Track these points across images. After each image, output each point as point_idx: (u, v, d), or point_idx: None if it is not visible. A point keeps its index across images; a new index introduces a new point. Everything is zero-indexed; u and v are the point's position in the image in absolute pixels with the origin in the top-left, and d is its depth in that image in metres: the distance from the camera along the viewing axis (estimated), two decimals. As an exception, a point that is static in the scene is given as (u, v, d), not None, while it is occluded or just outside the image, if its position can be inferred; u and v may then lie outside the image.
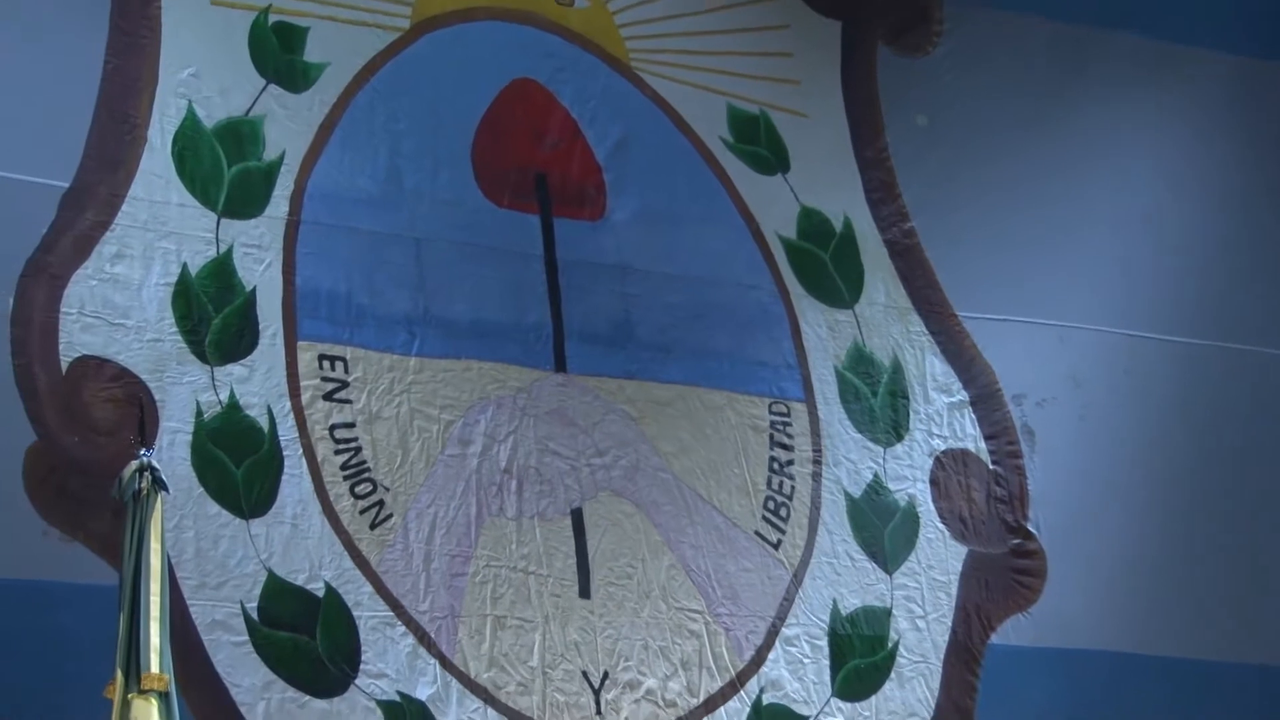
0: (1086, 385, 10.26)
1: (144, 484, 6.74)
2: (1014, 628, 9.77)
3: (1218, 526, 10.37)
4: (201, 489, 8.24)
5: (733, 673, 9.13)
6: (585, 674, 8.84)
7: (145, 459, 6.82)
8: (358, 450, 8.64)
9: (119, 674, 6.58)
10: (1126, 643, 10.01)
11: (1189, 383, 10.45)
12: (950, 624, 9.63)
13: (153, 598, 6.64)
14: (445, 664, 8.58)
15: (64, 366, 8.05)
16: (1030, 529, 9.91)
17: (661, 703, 8.95)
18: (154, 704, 6.55)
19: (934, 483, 9.79)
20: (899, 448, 9.76)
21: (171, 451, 8.10)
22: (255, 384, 8.47)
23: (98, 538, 7.66)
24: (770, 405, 9.56)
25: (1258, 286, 10.73)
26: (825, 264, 9.85)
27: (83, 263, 8.19)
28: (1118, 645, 9.97)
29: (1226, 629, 10.29)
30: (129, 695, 6.55)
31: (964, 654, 9.62)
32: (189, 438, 8.25)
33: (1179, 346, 10.42)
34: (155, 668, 6.58)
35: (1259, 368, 10.62)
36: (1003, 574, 9.81)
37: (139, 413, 8.03)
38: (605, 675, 8.88)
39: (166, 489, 6.86)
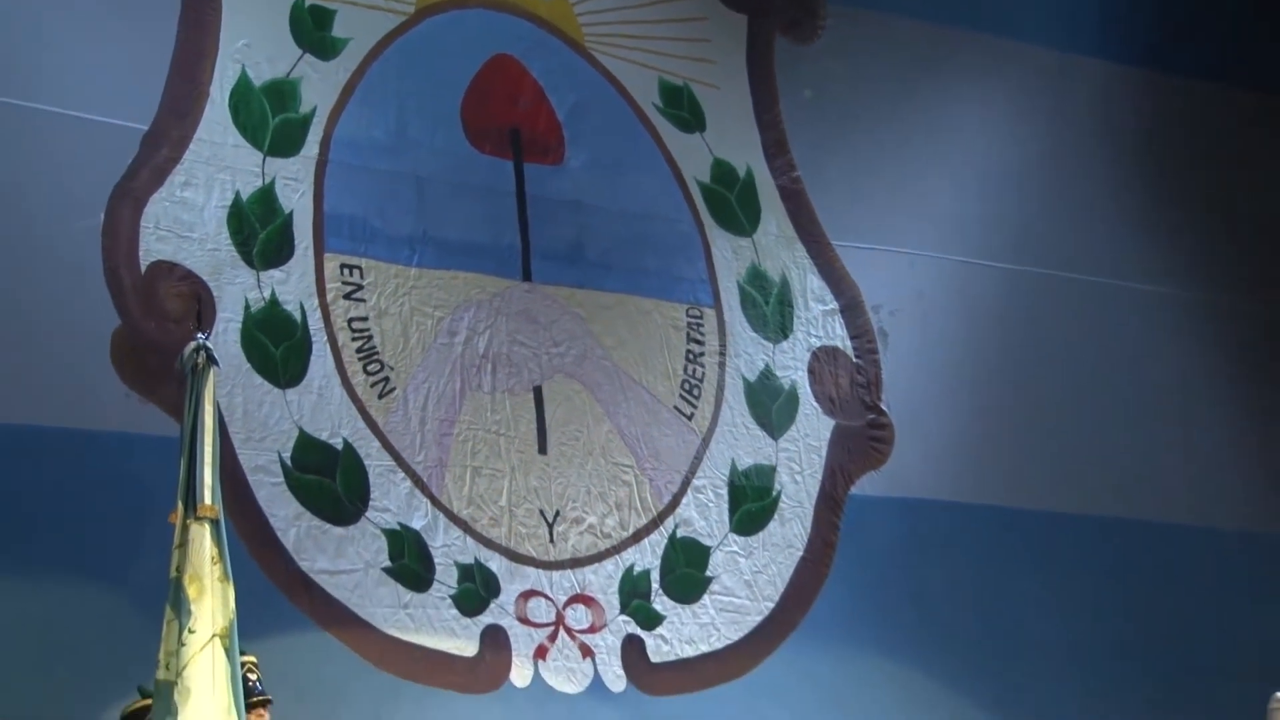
0: (928, 299, 10.30)
1: (201, 360, 6.72)
2: (868, 482, 9.87)
3: (1030, 404, 10.42)
4: (248, 365, 8.33)
5: (654, 512, 9.23)
6: (542, 512, 8.94)
7: (202, 340, 6.79)
8: (369, 338, 8.69)
9: (180, 505, 6.56)
10: (957, 494, 10.09)
11: (1007, 297, 10.50)
12: (820, 479, 9.71)
13: (207, 447, 6.62)
14: (434, 502, 8.67)
15: (143, 268, 8.14)
16: (883, 408, 9.99)
17: (599, 535, 9.05)
18: (207, 529, 6.53)
19: (810, 371, 9.86)
20: (784, 344, 9.82)
21: (225, 336, 8.18)
22: (291, 285, 8.52)
23: (166, 400, 7.72)
24: (687, 310, 9.61)
25: (1063, 225, 10.75)
26: (731, 203, 9.87)
27: (158, 189, 8.24)
28: (949, 496, 10.06)
29: (1043, 484, 10.38)
30: (187, 521, 6.54)
31: (830, 502, 9.71)
32: (239, 325, 8.34)
33: (1000, 270, 10.47)
34: (209, 500, 6.57)
35: (1063, 287, 10.66)
36: (861, 441, 9.90)
37: (199, 305, 8.10)
38: (557, 513, 8.97)
39: (218, 364, 6.85)
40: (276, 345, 8.42)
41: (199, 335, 6.92)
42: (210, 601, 6.47)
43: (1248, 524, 10.37)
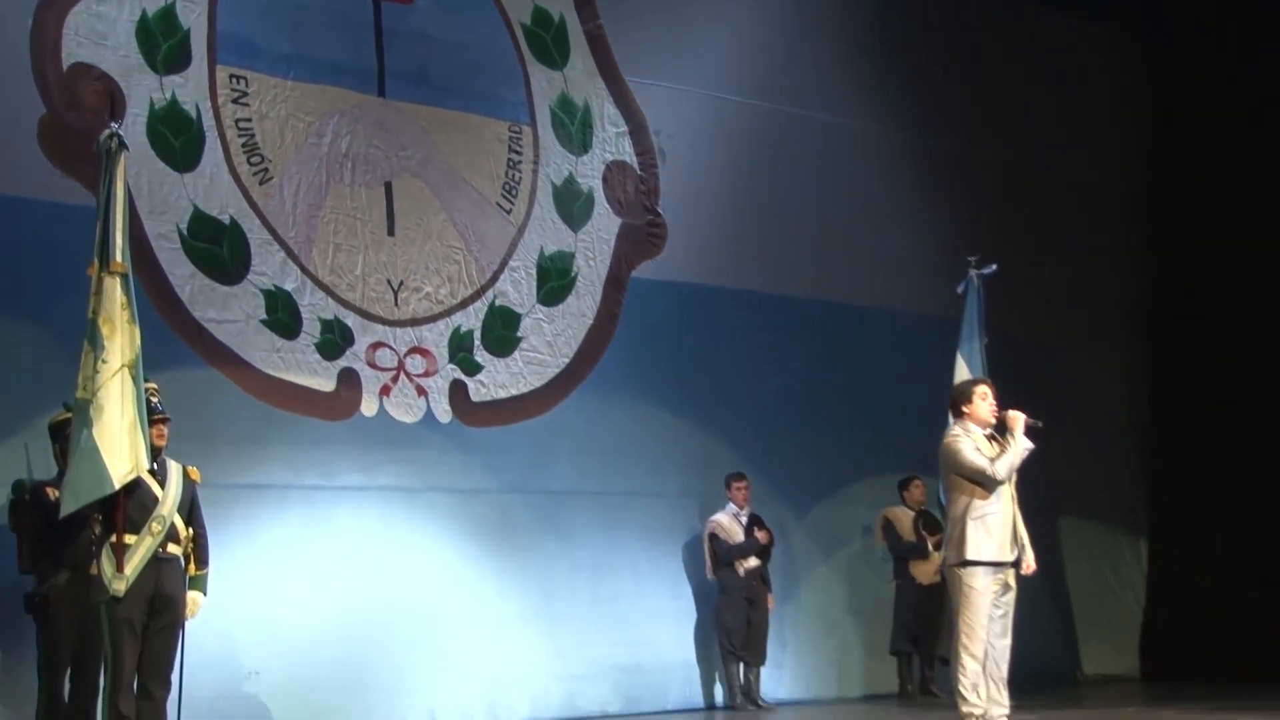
0: (697, 126, 10.26)
1: (114, 145, 6.53)
2: (646, 267, 9.95)
3: (771, 212, 10.44)
4: (152, 152, 8.15)
5: (478, 285, 9.26)
6: (389, 281, 8.91)
7: (115, 129, 6.59)
8: (252, 135, 8.52)
9: (96, 261, 6.49)
10: (713, 280, 10.16)
11: (758, 128, 10.48)
12: (609, 264, 9.79)
13: (118, 216, 6.51)
14: (303, 270, 8.61)
15: (65, 68, 7.86)
16: (659, 211, 10.03)
17: (434, 301, 9.06)
18: (118, 281, 6.50)
19: (604, 180, 9.84)
20: (585, 158, 9.78)
21: (134, 128, 7.97)
22: (189, 89, 8.30)
23: (85, 177, 7.50)
24: (509, 127, 9.51)
25: (807, 71, 10.72)
26: (547, 42, 9.73)
27: (78, 2, 7.91)
28: (708, 281, 10.15)
29: (776, 274, 10.44)
30: (102, 274, 6.47)
31: (616, 282, 9.80)
32: (145, 119, 8.13)
33: (752, 105, 10.45)
34: (119, 258, 6.49)
35: (800, 122, 10.69)
36: (641, 236, 9.95)
37: (112, 101, 7.86)
38: (401, 283, 8.94)
39: (128, 149, 6.67)
40: (176, 137, 8.21)
41: (112, 124, 6.77)
42: (120, 339, 6.44)
43: (923, 308, 10.58)
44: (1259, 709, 8.47)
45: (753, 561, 9.60)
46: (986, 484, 6.76)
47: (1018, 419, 6.86)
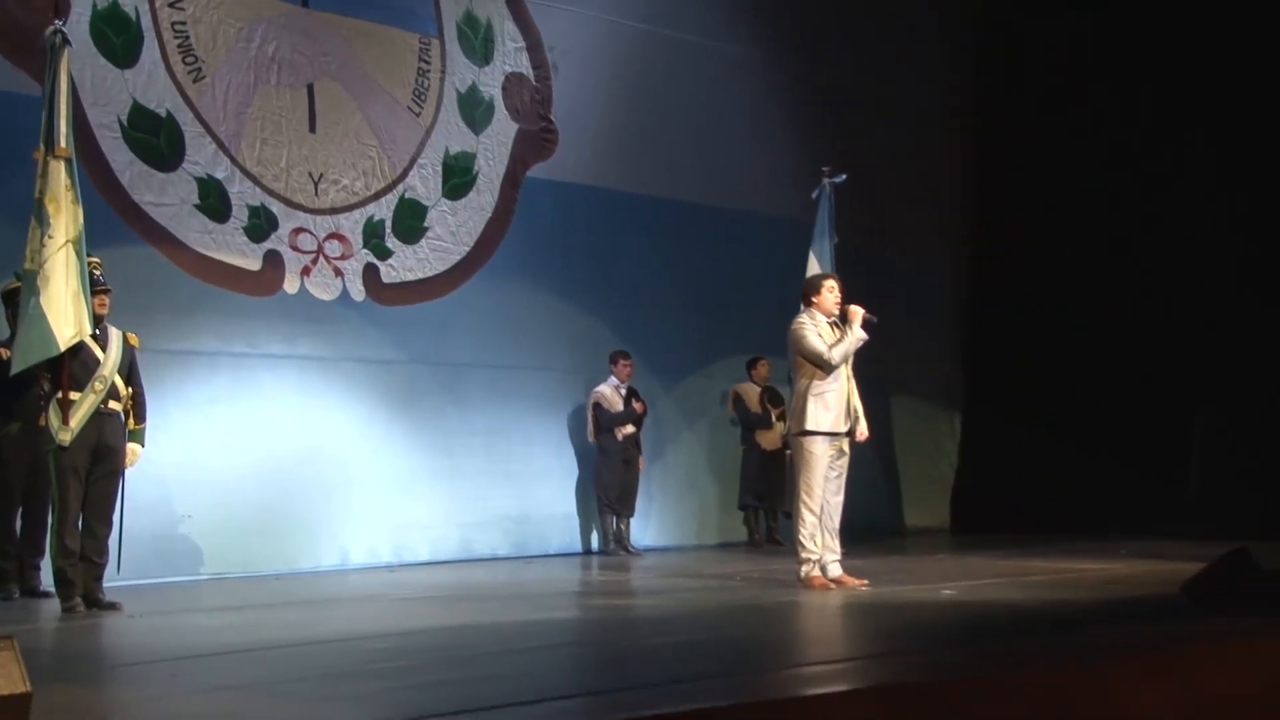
0: (587, 44, 10.13)
1: (58, 41, 6.32)
2: (539, 168, 9.85)
3: (652, 125, 10.31)
4: (95, 49, 7.89)
5: (390, 179, 9.16)
6: (310, 173, 8.77)
7: (59, 26, 6.38)
8: (188, 38, 8.28)
9: (42, 146, 6.33)
10: (599, 182, 10.09)
11: (642, 49, 10.36)
12: (506, 164, 9.71)
13: (62, 105, 6.33)
14: (233, 161, 8.44)
15: (13, -31, 7.55)
16: (551, 119, 9.94)
17: (350, 193, 8.94)
18: (63, 165, 6.34)
19: (503, 89, 9.72)
20: (487, 69, 9.65)
21: (78, 26, 7.71)
22: (129, -6, 8.01)
23: (33, 68, 7.22)
24: (419, 39, 9.35)
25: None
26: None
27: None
28: (594, 183, 10.08)
29: (657, 178, 10.34)
30: (48, 158, 6.30)
31: (512, 180, 9.74)
32: (89, 18, 7.86)
33: (635, 28, 10.31)
34: (64, 144, 6.33)
35: (680, 45, 10.56)
36: (536, 140, 9.88)
37: (56, 1, 7.56)
38: (321, 175, 8.82)
39: (71, 45, 6.45)
40: (117, 36, 7.96)
41: (57, 21, 6.54)
42: (64, 217, 6.31)
43: (780, 210, 10.57)
44: (1044, 553, 8.82)
45: (629, 428, 9.71)
46: (824, 367, 6.88)
47: (857, 313, 6.94)
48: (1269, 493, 9.79)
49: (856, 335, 6.94)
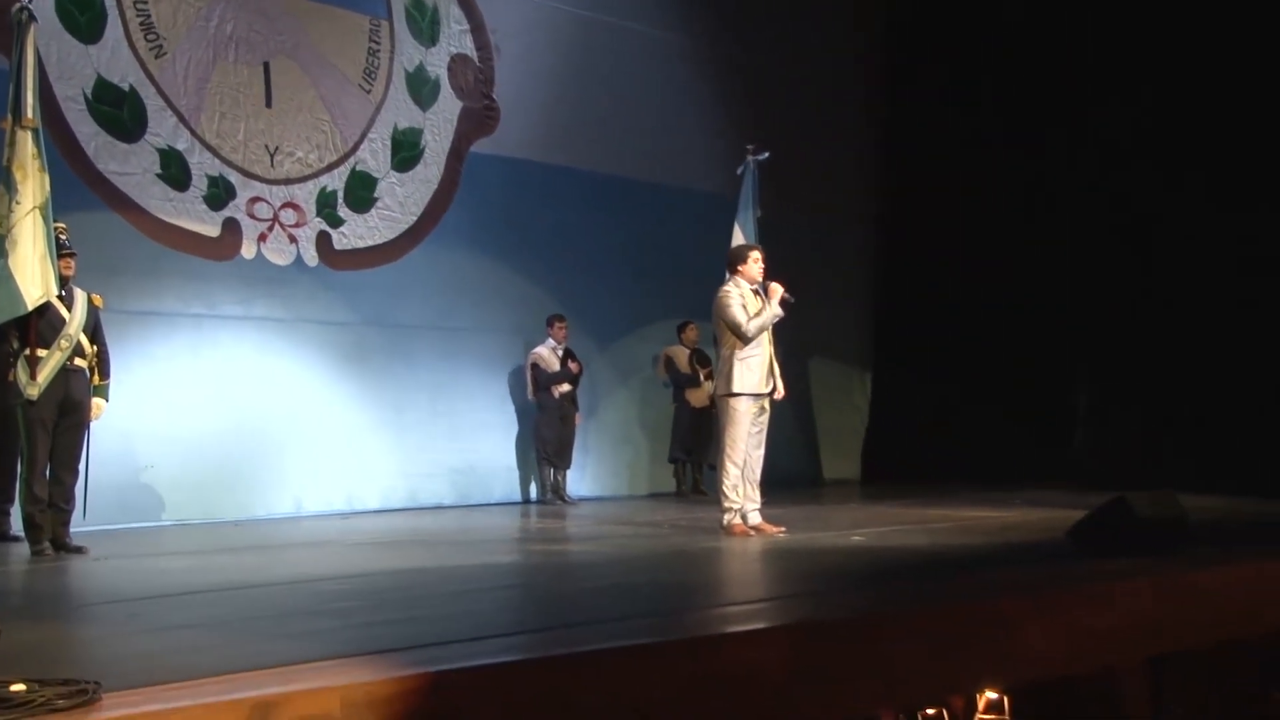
0: (528, 29, 10.04)
1: (24, 17, 6.15)
2: (483, 144, 9.76)
3: (588, 101, 10.19)
4: (60, 25, 7.71)
5: (342, 153, 9.05)
6: (267, 146, 8.65)
7: (25, 3, 6.22)
8: (149, 16, 8.11)
9: (9, 116, 6.17)
10: (538, 157, 9.99)
11: (582, 35, 10.28)
12: (451, 139, 9.61)
13: (29, 78, 6.17)
14: (193, 133, 8.30)
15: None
16: (494, 97, 9.85)
17: (304, 164, 8.83)
18: (29, 135, 6.19)
19: (449, 69, 9.61)
20: (434, 49, 9.54)
21: (44, 4, 7.51)
22: (92, -25, 7.80)
23: (2, 44, 7.00)
24: (370, 20, 9.21)
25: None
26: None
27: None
28: (534, 158, 9.99)
29: (591, 153, 10.26)
30: (15, 128, 6.15)
31: (456, 155, 9.65)
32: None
33: (572, 13, 10.21)
34: (30, 115, 6.18)
35: (616, 31, 10.50)
36: (479, 117, 9.79)
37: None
38: (277, 148, 8.69)
39: (37, 21, 6.28)
40: (81, 14, 7.78)
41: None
42: (31, 185, 6.18)
43: (708, 185, 10.53)
44: (946, 502, 8.94)
45: (565, 386, 9.70)
46: (741, 337, 6.91)
47: (776, 290, 6.93)
48: (1145, 448, 9.98)
49: (774, 311, 6.95)
